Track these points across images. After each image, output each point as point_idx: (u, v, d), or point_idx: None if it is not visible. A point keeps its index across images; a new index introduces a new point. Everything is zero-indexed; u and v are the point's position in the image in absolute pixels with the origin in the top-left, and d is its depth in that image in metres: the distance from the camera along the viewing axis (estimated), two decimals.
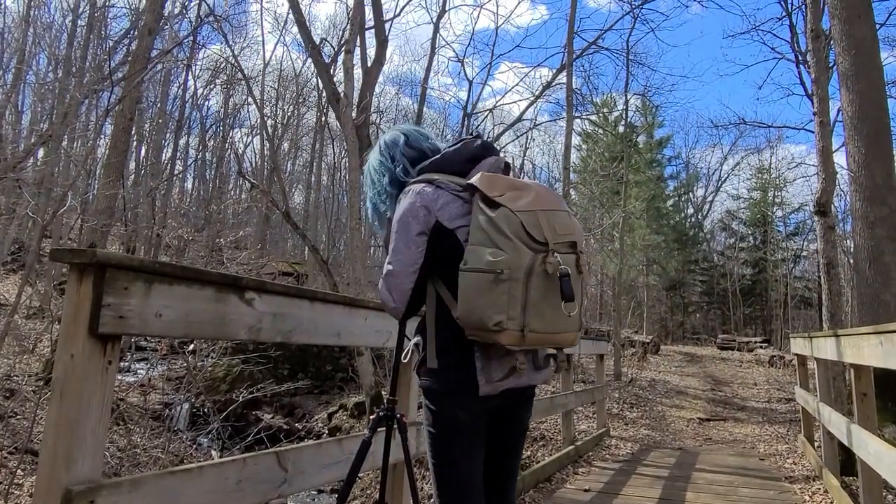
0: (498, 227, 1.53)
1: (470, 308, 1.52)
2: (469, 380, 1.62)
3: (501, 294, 1.49)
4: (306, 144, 30.51)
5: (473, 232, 1.57)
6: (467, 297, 1.53)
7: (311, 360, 12.50)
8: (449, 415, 1.69)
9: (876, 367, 3.13)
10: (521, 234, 1.53)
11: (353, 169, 9.65)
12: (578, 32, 14.77)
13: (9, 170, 11.54)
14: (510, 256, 1.50)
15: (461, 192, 1.65)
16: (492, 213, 1.55)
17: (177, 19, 16.77)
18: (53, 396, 1.33)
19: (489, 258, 1.50)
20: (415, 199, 1.66)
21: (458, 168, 1.72)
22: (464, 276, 1.54)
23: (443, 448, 1.70)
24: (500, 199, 1.57)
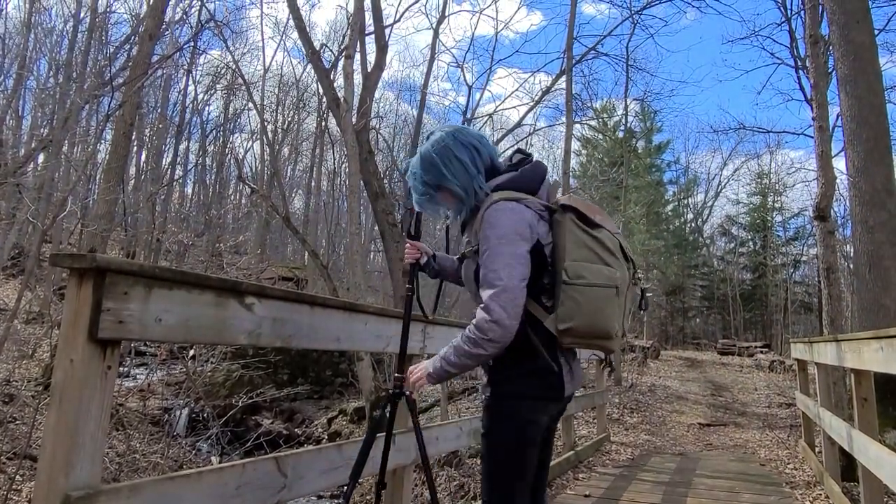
0: (605, 246, 1.72)
1: (593, 319, 1.66)
2: (556, 383, 1.74)
3: (617, 307, 1.69)
4: (306, 149, 30.59)
5: (575, 249, 1.69)
6: (590, 308, 1.65)
7: (311, 365, 12.49)
8: (530, 420, 1.74)
9: (876, 371, 3.13)
10: (619, 253, 1.75)
11: (354, 174, 9.66)
12: (578, 38, 14.81)
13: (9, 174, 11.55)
14: (621, 273, 1.72)
15: (543, 212, 1.77)
16: (596, 234, 1.73)
17: (177, 25, 16.81)
18: (53, 401, 1.33)
19: (608, 274, 1.69)
20: (519, 217, 1.70)
21: (534, 187, 1.80)
22: (585, 290, 1.66)
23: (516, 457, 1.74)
24: (599, 221, 1.75)
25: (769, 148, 28.72)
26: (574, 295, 1.65)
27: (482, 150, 1.84)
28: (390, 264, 11.10)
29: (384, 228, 10.85)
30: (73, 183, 12.22)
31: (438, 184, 1.83)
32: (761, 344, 21.23)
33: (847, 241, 17.91)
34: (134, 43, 14.14)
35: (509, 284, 1.63)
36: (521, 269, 1.66)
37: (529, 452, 1.76)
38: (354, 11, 10.48)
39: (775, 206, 29.82)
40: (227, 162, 27.37)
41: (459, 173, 1.80)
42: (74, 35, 19.20)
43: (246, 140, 29.72)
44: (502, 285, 1.63)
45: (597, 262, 1.69)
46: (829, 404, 4.95)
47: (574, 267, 1.67)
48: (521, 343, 1.70)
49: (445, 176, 1.81)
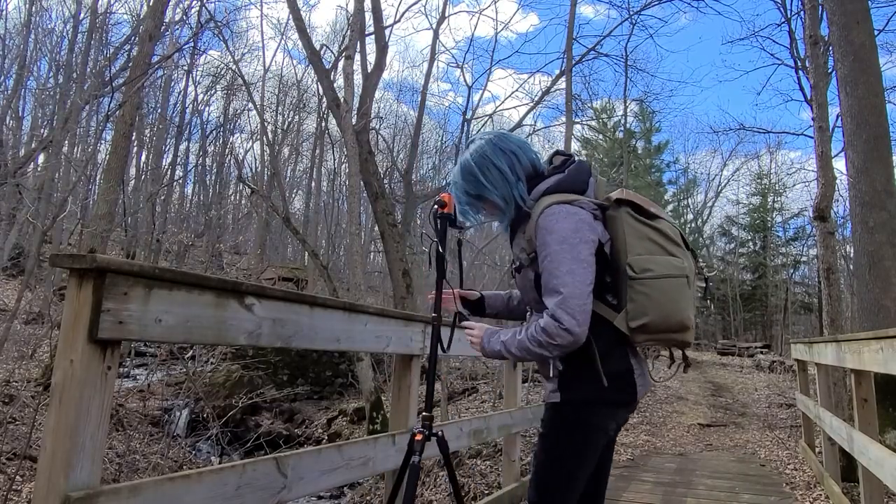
0: (668, 237, 1.67)
1: (668, 312, 1.61)
2: (629, 386, 1.70)
3: (690, 297, 1.66)
4: (306, 150, 30.59)
5: (637, 243, 1.64)
6: (664, 301, 1.60)
7: (311, 365, 12.49)
8: (599, 428, 1.69)
9: (877, 372, 3.13)
10: (680, 241, 1.70)
11: (353, 174, 9.66)
12: (577, 38, 14.82)
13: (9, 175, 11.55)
14: (687, 263, 1.67)
15: (596, 210, 1.70)
16: (657, 225, 1.67)
17: (177, 25, 16.81)
18: (52, 402, 1.33)
19: (676, 263, 1.64)
20: (577, 219, 1.64)
21: (582, 187, 1.74)
22: (655, 284, 1.60)
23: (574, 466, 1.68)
24: (656, 211, 1.70)
25: (769, 148, 28.75)
26: (643, 290, 1.60)
27: (522, 156, 1.78)
28: (390, 265, 11.10)
29: (384, 229, 10.85)
30: (74, 183, 12.22)
31: (478, 194, 1.78)
32: (761, 344, 21.23)
33: (847, 241, 17.93)
34: (134, 43, 14.16)
35: (575, 291, 1.56)
36: (585, 274, 1.59)
37: (589, 462, 1.70)
38: (354, 12, 10.48)
39: (775, 207, 29.83)
40: (227, 162, 27.38)
41: (498, 182, 1.75)
42: (74, 36, 19.22)
43: (246, 140, 29.71)
44: (568, 291, 1.56)
45: (662, 253, 1.64)
46: (829, 405, 4.95)
47: (639, 261, 1.62)
48: (590, 345, 1.63)
49: (484, 185, 1.76)
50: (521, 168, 1.77)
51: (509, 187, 1.74)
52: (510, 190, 1.74)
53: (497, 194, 1.75)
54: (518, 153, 1.78)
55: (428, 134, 27.74)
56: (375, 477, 6.13)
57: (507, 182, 1.74)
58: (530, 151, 1.82)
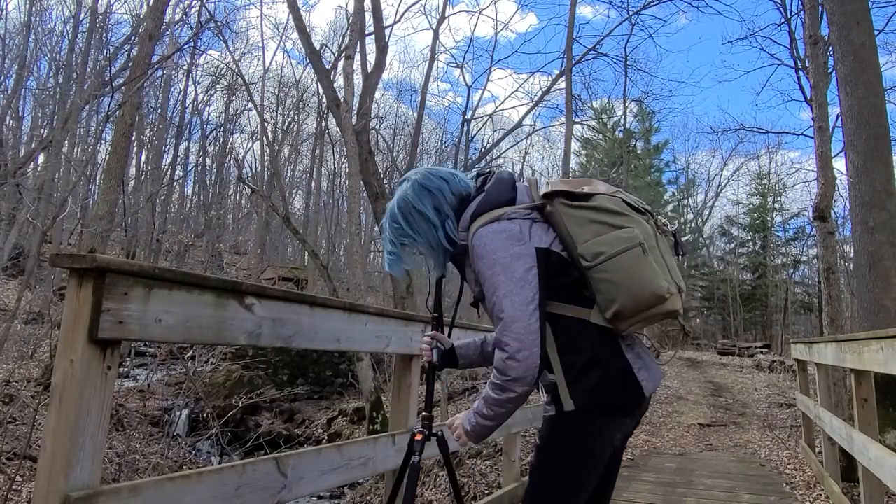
0: (609, 210, 1.55)
1: (635, 288, 1.49)
2: (631, 384, 1.55)
3: (653, 263, 1.51)
4: (306, 150, 30.59)
5: (580, 230, 1.55)
6: (626, 279, 1.49)
7: (311, 365, 12.50)
8: (602, 438, 1.56)
9: (877, 372, 3.13)
10: (627, 209, 1.57)
11: (353, 174, 9.66)
12: (577, 38, 14.83)
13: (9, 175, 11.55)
14: (640, 229, 1.54)
15: (531, 213, 1.61)
16: (594, 203, 1.57)
17: (177, 25, 16.81)
18: (52, 402, 1.33)
19: (625, 236, 1.52)
20: (504, 236, 1.55)
21: (507, 197, 1.64)
22: (611, 265, 1.50)
23: (574, 482, 1.56)
24: (590, 190, 1.60)
25: (769, 148, 28.75)
26: (603, 276, 1.50)
27: (447, 191, 1.69)
28: None
29: None
30: (74, 183, 12.23)
31: (403, 242, 1.71)
32: (761, 344, 21.22)
33: (847, 241, 17.92)
34: (134, 43, 14.16)
35: (515, 313, 1.48)
36: (524, 293, 1.50)
37: (592, 478, 1.58)
38: (354, 12, 10.49)
39: (775, 207, 29.84)
40: (227, 162, 27.40)
41: (422, 228, 1.68)
42: (74, 35, 19.21)
43: (246, 140, 29.75)
44: (508, 316, 1.48)
45: (608, 229, 1.53)
46: (829, 405, 4.95)
47: (588, 247, 1.52)
48: (576, 353, 1.54)
49: (408, 233, 1.69)
50: (448, 204, 1.68)
51: (434, 231, 1.67)
52: (435, 234, 1.67)
53: (422, 241, 1.69)
54: (443, 189, 1.69)
55: (428, 134, 27.76)
56: (375, 477, 6.13)
57: (432, 226, 1.67)
58: (458, 182, 1.73)
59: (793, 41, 14.55)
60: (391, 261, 1.75)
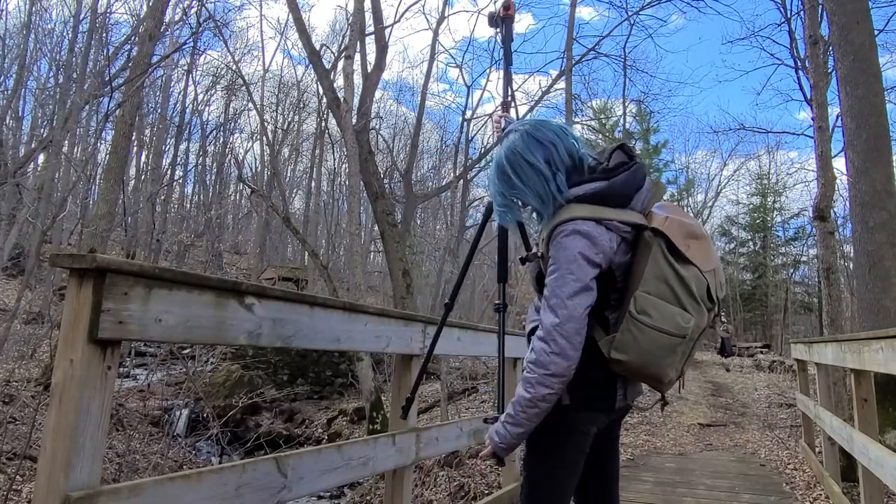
0: (689, 288, 1.53)
1: (647, 362, 1.52)
2: (608, 394, 1.64)
3: (680, 354, 1.54)
4: (306, 150, 30.59)
5: (652, 281, 1.52)
6: (647, 350, 1.50)
7: (311, 365, 12.50)
8: (575, 431, 1.64)
9: (877, 372, 3.13)
10: (704, 296, 1.55)
11: (353, 174, 9.66)
12: (577, 38, 14.84)
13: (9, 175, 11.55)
14: (697, 321, 1.53)
15: (628, 233, 1.58)
16: (684, 272, 1.53)
17: (177, 25, 16.82)
18: (52, 402, 1.33)
19: (680, 322, 1.50)
20: (594, 241, 1.53)
21: (624, 201, 1.59)
22: (646, 332, 1.50)
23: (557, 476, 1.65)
24: (691, 256, 1.55)
25: (769, 148, 28.75)
26: (633, 330, 1.50)
27: (560, 145, 1.62)
28: (390, 265, 11.10)
29: (384, 229, 10.85)
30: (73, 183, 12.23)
31: (513, 194, 1.66)
32: (761, 344, 21.23)
33: (847, 241, 17.92)
34: (134, 43, 14.16)
35: (574, 314, 1.49)
36: (586, 299, 1.51)
37: (576, 466, 1.66)
38: (354, 12, 10.49)
39: (775, 207, 29.84)
40: (227, 162, 27.39)
41: (532, 180, 1.61)
42: (74, 35, 19.18)
43: (246, 140, 29.75)
44: (567, 314, 1.49)
45: (672, 302, 1.51)
46: (829, 405, 4.95)
47: (644, 300, 1.51)
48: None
49: (517, 185, 1.63)
50: (559, 159, 1.61)
51: (545, 183, 1.60)
52: (546, 186, 1.60)
53: (531, 194, 1.62)
54: (556, 142, 1.62)
55: (428, 134, 27.75)
56: (375, 477, 6.13)
57: (543, 178, 1.60)
58: (568, 138, 1.66)
59: (793, 41, 14.56)
60: (501, 213, 1.71)
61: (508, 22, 2.07)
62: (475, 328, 3.89)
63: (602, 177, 1.60)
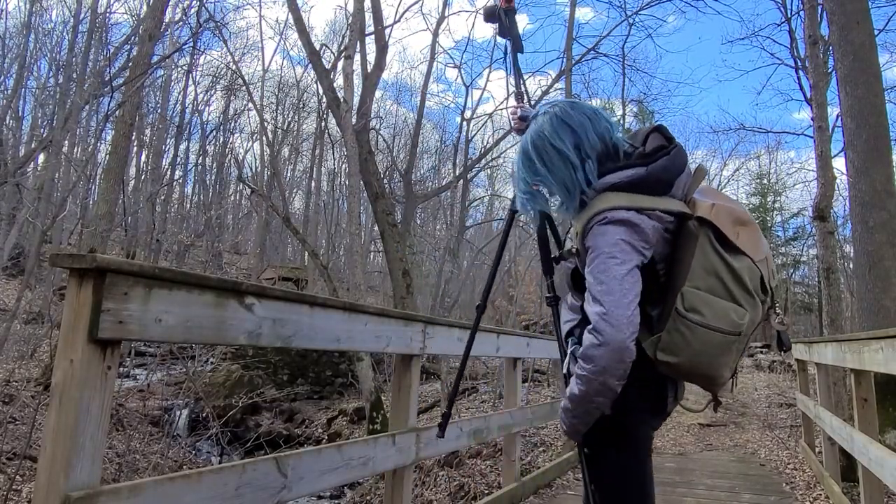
0: (741, 280, 1.40)
1: (699, 363, 1.40)
2: (660, 394, 1.54)
3: (736, 352, 1.42)
4: (306, 150, 30.58)
5: (701, 274, 1.39)
6: (700, 351, 1.38)
7: (311, 365, 12.50)
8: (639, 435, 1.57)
9: (877, 372, 3.13)
10: (759, 288, 1.43)
11: (353, 174, 9.66)
12: (577, 38, 14.84)
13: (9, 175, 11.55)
14: (752, 315, 1.41)
15: (671, 223, 1.46)
16: (736, 263, 1.40)
17: (177, 25, 16.82)
18: (52, 402, 1.33)
19: (734, 318, 1.38)
20: (637, 229, 1.41)
21: (664, 189, 1.47)
22: (698, 331, 1.37)
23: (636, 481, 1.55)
24: (741, 244, 1.42)
25: (769, 148, 28.75)
26: (683, 330, 1.38)
27: (591, 130, 1.50)
28: (390, 265, 11.10)
29: (384, 229, 10.86)
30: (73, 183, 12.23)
31: (537, 181, 1.54)
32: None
33: (847, 241, 17.92)
34: (134, 43, 14.15)
35: (624, 300, 1.36)
36: (634, 285, 1.39)
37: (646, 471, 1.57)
38: (354, 12, 10.49)
39: (775, 207, 29.83)
40: (227, 162, 27.40)
41: (558, 167, 1.49)
42: (74, 35, 19.18)
43: (246, 140, 29.74)
44: (614, 301, 1.36)
45: (724, 297, 1.39)
46: (829, 405, 4.95)
47: (693, 296, 1.38)
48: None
49: (542, 173, 1.52)
50: (590, 146, 1.49)
51: (572, 172, 1.48)
52: (573, 175, 1.48)
53: (557, 182, 1.51)
54: (586, 126, 1.50)
55: (428, 134, 27.75)
56: (375, 477, 6.13)
57: (571, 166, 1.48)
58: (601, 121, 1.53)
59: (793, 41, 14.55)
60: (523, 201, 1.60)
61: (511, 14, 2.01)
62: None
63: (639, 163, 1.48)
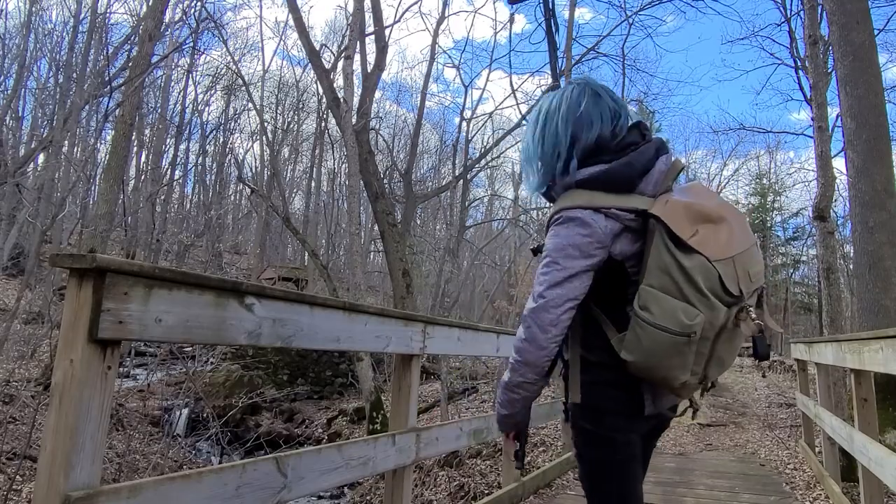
0: (692, 279, 1.34)
1: (652, 364, 1.38)
2: (636, 398, 1.50)
3: (690, 354, 1.36)
4: (306, 150, 30.60)
5: (656, 273, 1.37)
6: (650, 353, 1.37)
7: (311, 365, 12.51)
8: (616, 438, 1.53)
9: (877, 372, 3.13)
10: (717, 289, 1.35)
11: (353, 174, 9.66)
12: (577, 38, 14.85)
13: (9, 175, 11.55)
14: (705, 316, 1.34)
15: (632, 221, 1.43)
16: (686, 262, 1.35)
17: (177, 25, 16.81)
18: (52, 402, 1.33)
19: (683, 319, 1.33)
20: (588, 231, 1.41)
21: (628, 186, 1.46)
22: (648, 330, 1.35)
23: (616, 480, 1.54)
24: (694, 243, 1.36)
25: (769, 148, 28.77)
26: (636, 328, 1.38)
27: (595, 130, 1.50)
28: (390, 265, 11.10)
29: (384, 229, 10.86)
30: (73, 183, 12.23)
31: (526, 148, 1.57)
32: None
33: (847, 241, 17.93)
34: (133, 43, 14.16)
35: (551, 304, 1.39)
36: (571, 289, 1.40)
37: (630, 471, 1.54)
38: (354, 12, 10.48)
39: (775, 207, 29.84)
40: (226, 162, 27.40)
41: (548, 146, 1.52)
42: (74, 35, 19.19)
43: (246, 140, 29.77)
44: (544, 303, 1.40)
45: (676, 296, 1.34)
46: (828, 405, 4.95)
47: (646, 294, 1.37)
48: (597, 346, 1.49)
49: (535, 140, 1.54)
50: (583, 146, 1.49)
51: (556, 160, 1.51)
52: (555, 163, 1.51)
53: (537, 156, 1.55)
54: (594, 125, 1.50)
55: (428, 134, 27.75)
56: (375, 477, 6.13)
57: (557, 154, 1.51)
58: (608, 124, 1.52)
59: (793, 41, 14.56)
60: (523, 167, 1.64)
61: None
62: (475, 328, 3.89)
63: (608, 158, 1.48)
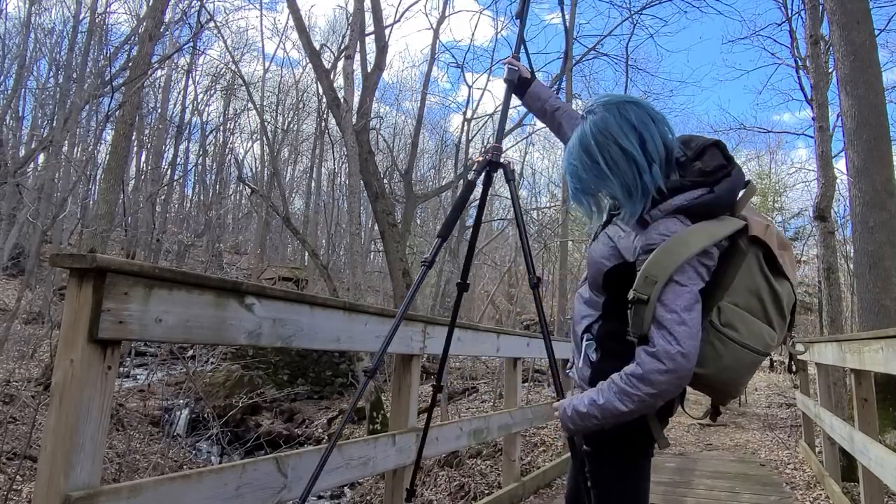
0: (779, 303, 1.40)
1: (726, 379, 1.38)
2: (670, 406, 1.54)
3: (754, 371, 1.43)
4: (306, 150, 30.57)
5: (744, 294, 1.37)
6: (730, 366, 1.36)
7: (311, 365, 12.50)
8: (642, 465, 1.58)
9: (877, 372, 3.13)
10: (787, 314, 1.43)
11: (353, 174, 9.66)
12: (578, 38, 14.84)
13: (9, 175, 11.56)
14: (779, 337, 1.42)
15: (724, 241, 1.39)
16: (778, 287, 1.40)
17: (177, 25, 16.81)
18: (52, 402, 1.33)
19: (767, 339, 1.37)
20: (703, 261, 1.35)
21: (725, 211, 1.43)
22: (730, 347, 1.35)
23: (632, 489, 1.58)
24: (785, 269, 1.41)
25: (769, 148, 28.75)
26: (716, 344, 1.35)
27: (655, 131, 1.41)
28: (390, 265, 11.10)
29: (384, 229, 10.85)
30: (73, 183, 12.23)
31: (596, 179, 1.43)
32: None
33: (848, 241, 17.91)
34: (134, 43, 14.15)
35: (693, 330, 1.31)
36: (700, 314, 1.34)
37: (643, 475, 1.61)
38: (354, 11, 10.48)
39: (775, 207, 29.82)
40: (227, 162, 27.39)
41: (623, 169, 1.38)
42: (74, 35, 19.19)
43: (246, 140, 29.76)
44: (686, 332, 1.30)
45: (761, 318, 1.37)
46: (829, 405, 4.95)
47: (731, 313, 1.35)
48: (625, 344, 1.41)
49: (604, 174, 1.40)
50: (654, 148, 1.39)
51: (637, 175, 1.38)
52: (638, 178, 1.38)
53: (618, 184, 1.40)
54: (651, 128, 1.40)
55: (428, 134, 27.75)
56: (375, 477, 6.13)
57: (636, 167, 1.38)
58: (663, 124, 1.43)
59: (794, 41, 14.54)
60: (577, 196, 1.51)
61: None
62: (475, 328, 3.89)
63: (701, 181, 1.40)
